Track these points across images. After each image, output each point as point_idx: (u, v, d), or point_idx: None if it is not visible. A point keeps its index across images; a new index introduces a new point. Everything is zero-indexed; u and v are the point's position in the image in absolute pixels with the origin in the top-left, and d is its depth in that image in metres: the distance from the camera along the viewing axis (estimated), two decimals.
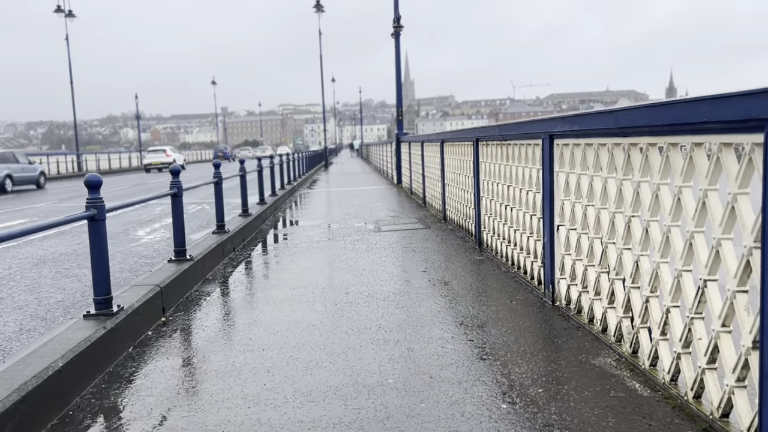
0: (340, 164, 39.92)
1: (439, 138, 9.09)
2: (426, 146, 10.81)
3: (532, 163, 4.70)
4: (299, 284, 5.20)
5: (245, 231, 7.87)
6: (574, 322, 3.82)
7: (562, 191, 4.08)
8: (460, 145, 7.54)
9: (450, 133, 8.20)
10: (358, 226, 8.93)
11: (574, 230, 3.94)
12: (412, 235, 7.79)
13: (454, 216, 8.24)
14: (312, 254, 6.65)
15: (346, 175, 24.83)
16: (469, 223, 7.29)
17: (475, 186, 6.60)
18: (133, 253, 7.90)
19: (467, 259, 6.06)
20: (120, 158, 42.79)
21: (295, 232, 8.67)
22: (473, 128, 6.54)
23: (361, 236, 7.84)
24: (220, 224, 6.99)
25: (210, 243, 6.25)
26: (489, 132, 5.88)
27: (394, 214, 10.19)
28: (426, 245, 6.94)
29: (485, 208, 6.35)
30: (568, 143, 3.95)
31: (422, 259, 6.09)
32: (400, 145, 16.17)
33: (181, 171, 6.88)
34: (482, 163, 6.38)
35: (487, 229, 6.29)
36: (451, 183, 8.39)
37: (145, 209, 13.32)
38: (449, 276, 5.28)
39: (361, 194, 14.63)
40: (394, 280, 5.22)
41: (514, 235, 5.29)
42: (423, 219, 9.40)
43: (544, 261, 4.37)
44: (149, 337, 3.92)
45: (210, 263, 5.94)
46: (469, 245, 6.81)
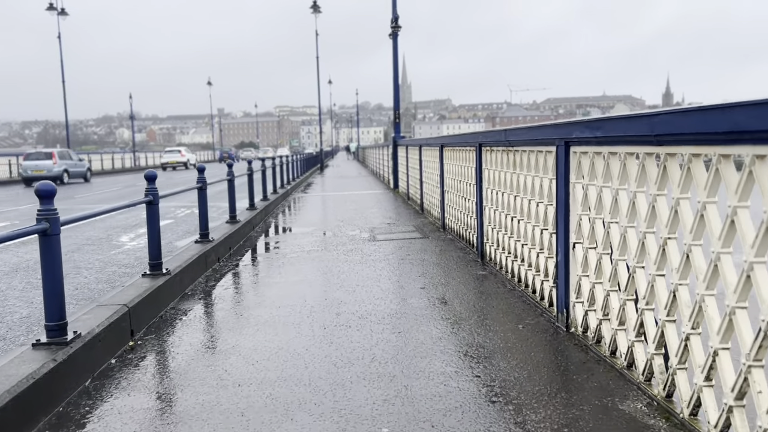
0: (336, 167, 39.48)
1: (438, 142, 8.65)
2: (424, 150, 10.38)
3: (544, 172, 4.26)
4: (286, 302, 4.74)
5: (232, 239, 7.41)
6: (593, 353, 3.37)
7: (579, 205, 3.63)
8: (461, 151, 7.10)
9: (450, 137, 7.75)
10: (352, 234, 8.48)
11: (593, 249, 3.50)
12: (409, 245, 7.34)
13: (454, 225, 7.80)
14: (302, 266, 6.19)
15: (342, 179, 24.38)
16: (470, 234, 6.85)
17: (478, 194, 6.16)
18: (114, 261, 7.43)
19: (469, 273, 5.61)
20: (113, 159, 42.30)
21: (286, 240, 8.21)
22: (476, 132, 6.10)
23: (355, 246, 7.38)
24: (203, 233, 6.52)
25: (191, 254, 5.78)
26: (494, 137, 5.44)
27: (390, 222, 9.74)
28: (424, 257, 6.49)
29: (488, 219, 5.91)
30: (588, 151, 3.51)
31: (420, 274, 5.64)
32: (397, 148, 15.73)
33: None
34: (486, 170, 5.94)
35: (491, 242, 5.85)
36: (450, 190, 7.95)
37: (131, 212, 12.84)
38: (450, 294, 4.83)
39: (356, 199, 14.18)
40: (390, 297, 4.77)
41: (522, 249, 4.84)
42: (420, 227, 8.95)
43: (557, 281, 3.93)
44: (112, 367, 3.45)
45: (190, 276, 5.48)
46: (471, 258, 6.36)
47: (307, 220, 10.35)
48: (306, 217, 11.03)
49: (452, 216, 7.91)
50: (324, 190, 18.31)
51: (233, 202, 8.32)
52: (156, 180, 4.98)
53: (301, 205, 13.51)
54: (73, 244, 8.82)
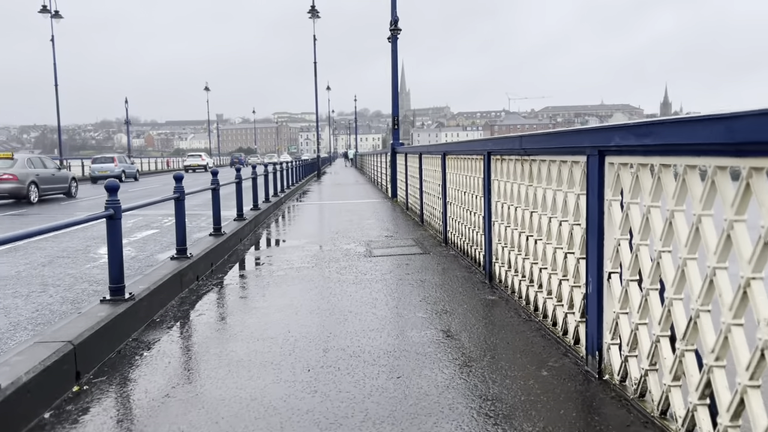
0: (334, 174, 38.86)
1: (440, 150, 8.03)
2: (425, 159, 9.75)
3: (569, 185, 3.63)
4: (268, 333, 4.09)
5: (215, 254, 6.76)
6: (638, 411, 2.73)
7: (617, 227, 3.00)
8: (466, 159, 6.47)
9: (455, 144, 7.13)
10: (347, 248, 7.84)
11: (636, 282, 2.86)
12: (408, 262, 6.69)
13: (458, 240, 7.16)
14: (289, 287, 5.54)
15: (339, 186, 23.75)
16: (476, 251, 6.21)
17: (486, 208, 5.53)
18: (86, 277, 6.78)
19: (476, 298, 4.96)
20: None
21: (275, 254, 7.56)
22: (485, 139, 5.48)
23: (350, 262, 6.74)
24: (180, 248, 5.87)
25: (164, 273, 5.13)
26: (506, 144, 4.81)
27: (388, 234, 9.10)
28: (425, 277, 5.84)
29: (498, 236, 5.27)
30: (630, 162, 2.88)
31: (421, 298, 4.99)
32: (395, 156, 15.10)
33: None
34: (495, 181, 5.31)
35: (501, 261, 5.21)
36: (454, 202, 7.32)
37: None
38: (456, 324, 4.18)
39: (352, 208, 13.54)
40: (387, 329, 4.12)
41: (539, 274, 4.20)
42: (420, 241, 8.31)
43: (588, 317, 3.29)
44: (43, 424, 2.80)
45: (161, 299, 4.83)
46: (477, 278, 5.72)
47: (299, 232, 9.70)
48: (299, 228, 10.38)
49: (455, 230, 7.28)
50: (320, 198, 17.67)
51: (217, 212, 7.67)
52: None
53: (294, 214, 12.86)
54: (47, 257, 8.18)
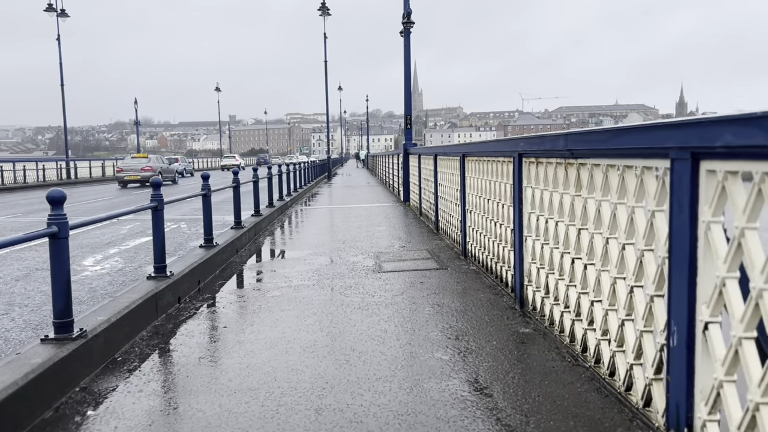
0: (345, 175, 38.09)
1: (458, 151, 7.17)
2: (440, 160, 8.89)
3: (637, 198, 2.77)
4: (247, 383, 3.26)
5: (203, 270, 5.95)
6: None
7: (721, 260, 2.13)
8: (490, 162, 5.61)
9: (477, 144, 6.26)
10: (354, 260, 7.00)
11: (753, 341, 2.00)
12: (422, 279, 5.84)
13: (479, 253, 6.30)
14: (284, 313, 4.71)
15: (349, 189, 22.94)
16: (502, 269, 5.34)
17: (516, 221, 4.66)
18: None
19: (507, 330, 4.10)
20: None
21: (273, 269, 6.74)
22: (515, 138, 4.61)
23: (357, 279, 5.90)
24: (158, 266, 5.06)
25: (133, 298, 4.32)
26: (544, 144, 3.94)
27: (401, 244, 8.26)
28: (443, 300, 4.99)
29: (532, 254, 4.40)
30: (740, 170, 2.02)
31: (439, 329, 4.14)
32: (408, 157, 14.25)
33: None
34: (528, 188, 4.44)
35: (535, 285, 4.34)
36: (475, 210, 6.46)
37: (111, 226, 11.45)
38: (485, 371, 3.33)
39: (362, 214, 12.71)
40: (399, 377, 3.27)
41: (591, 308, 3.34)
42: (436, 252, 7.46)
43: (670, 378, 2.42)
44: None
45: (128, 331, 4.02)
46: (505, 303, 4.85)
47: (303, 241, 8.88)
48: (303, 236, 9.56)
49: (477, 242, 6.41)
50: (328, 202, 16.87)
51: (209, 221, 6.86)
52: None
53: (300, 220, 12.06)
54: (24, 268, 7.43)
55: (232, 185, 8.65)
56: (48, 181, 31.64)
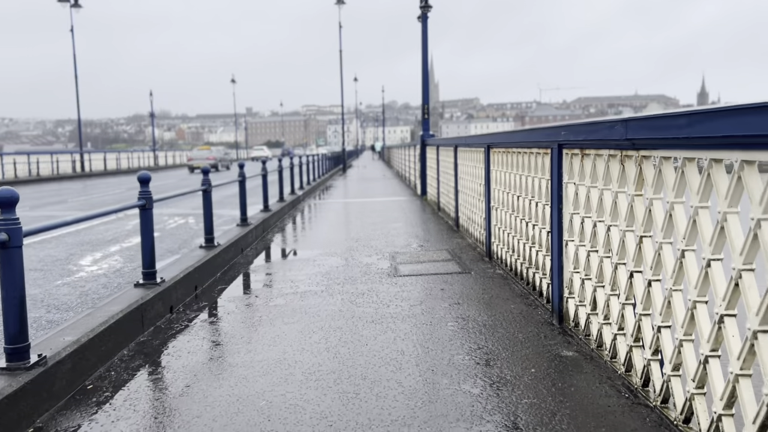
0: (360, 167, 37.49)
1: (483, 142, 6.52)
2: (461, 152, 8.24)
3: (730, 200, 2.13)
4: (236, 425, 2.68)
5: (201, 274, 5.40)
6: None
7: None
8: (521, 154, 4.96)
9: (504, 134, 5.61)
10: (368, 262, 6.41)
11: None
12: (444, 285, 5.22)
13: (506, 255, 5.66)
14: (287, 326, 4.13)
15: (364, 182, 22.34)
16: (535, 276, 4.71)
17: (554, 222, 4.02)
18: (48, 299, 5.55)
19: (546, 353, 3.48)
20: (118, 158, 39.87)
21: (279, 272, 6.16)
22: (553, 127, 3.96)
23: (370, 285, 5.31)
24: (147, 271, 4.50)
25: (112, 312, 3.76)
26: (594, 133, 3.29)
27: (418, 242, 7.65)
28: (468, 312, 4.37)
29: (574, 261, 3.77)
30: None
31: (465, 351, 3.53)
32: (425, 149, 13.58)
33: None
34: (570, 185, 3.80)
35: (579, 298, 3.71)
36: (501, 207, 5.82)
37: (117, 222, 10.96)
38: (525, 410, 2.71)
39: (378, 208, 12.11)
40: (419, 421, 2.66)
41: (656, 334, 2.70)
42: (457, 253, 6.83)
43: None
44: None
45: (105, 351, 3.47)
46: (540, 316, 4.22)
47: (314, 239, 8.30)
48: (314, 233, 8.99)
49: (503, 242, 5.78)
50: (342, 195, 16.28)
51: (209, 218, 6.29)
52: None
53: (312, 215, 11.49)
54: None
55: (238, 179, 8.09)
56: (62, 173, 31.45)
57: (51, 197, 18.38)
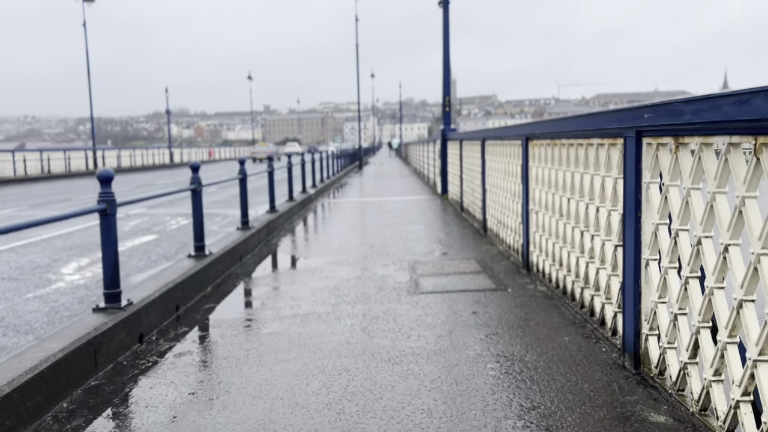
0: (377, 164, 36.60)
1: (519, 133, 5.55)
2: (490, 146, 7.27)
3: None
4: None
5: (185, 289, 4.52)
6: None
7: None
8: (571, 146, 4.00)
9: (549, 122, 4.62)
10: (383, 274, 5.50)
11: None
12: (476, 308, 4.28)
13: (551, 269, 4.70)
14: (278, 368, 3.23)
15: (381, 179, 21.42)
16: (594, 298, 3.74)
17: (628, 233, 3.06)
18: (14, 316, 4.80)
19: (626, 418, 2.53)
20: (132, 155, 39.30)
21: (279, 287, 5.27)
22: (628, 108, 3.00)
23: (386, 305, 4.39)
24: (110, 293, 3.63)
25: (51, 350, 2.88)
26: (698, 113, 2.32)
27: (441, 249, 6.71)
28: (511, 348, 3.43)
29: (659, 288, 2.80)
30: None
31: (517, 415, 2.59)
32: (446, 144, 12.62)
33: None
34: (652, 185, 2.84)
35: (669, 340, 2.74)
36: (543, 210, 4.85)
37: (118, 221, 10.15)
38: None
39: (395, 208, 11.17)
40: None
41: None
42: (487, 262, 5.88)
43: None
44: None
45: (30, 410, 2.59)
46: (606, 354, 3.27)
47: (324, 244, 7.40)
48: (324, 237, 8.09)
49: (547, 253, 4.82)
50: (357, 194, 15.37)
51: (199, 225, 5.41)
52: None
53: (324, 216, 10.60)
54: None
55: (239, 177, 7.20)
56: (75, 171, 30.99)
57: (58, 195, 17.75)
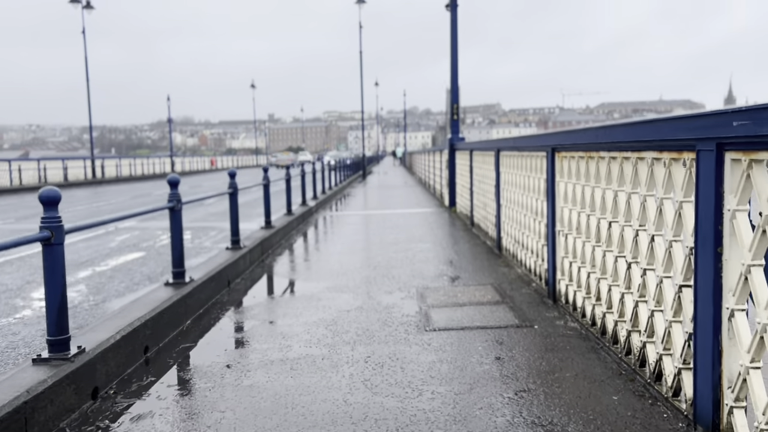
0: (381, 174, 35.95)
1: (543, 144, 4.89)
2: (506, 157, 6.61)
3: None
4: None
5: (152, 330, 3.85)
6: None
7: None
8: (613, 159, 3.33)
9: (583, 132, 3.94)
10: (389, 303, 4.83)
11: None
12: (499, 352, 3.60)
13: (587, 303, 4.02)
14: None
15: (385, 189, 20.77)
16: (645, 346, 3.06)
17: (703, 270, 2.39)
18: None
19: None
20: (132, 164, 38.72)
21: (267, 321, 4.59)
22: (700, 115, 2.35)
23: (392, 347, 3.72)
24: (55, 340, 2.95)
25: None
26: None
27: (453, 272, 6.04)
28: (548, 413, 2.75)
29: (750, 348, 2.13)
30: None
31: None
32: (454, 153, 11.96)
33: None
34: (739, 213, 2.18)
35: (763, 415, 2.07)
36: (575, 233, 4.18)
37: (100, 238, 9.51)
38: None
39: (400, 223, 10.50)
40: None
41: None
42: (506, 290, 5.21)
43: None
44: None
45: None
46: (668, 424, 2.58)
47: (321, 266, 6.73)
48: (323, 257, 7.42)
49: (580, 283, 4.14)
50: (360, 206, 14.71)
51: (178, 247, 4.75)
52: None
53: (324, 232, 9.94)
54: None
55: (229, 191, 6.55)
56: (73, 180, 30.45)
57: None
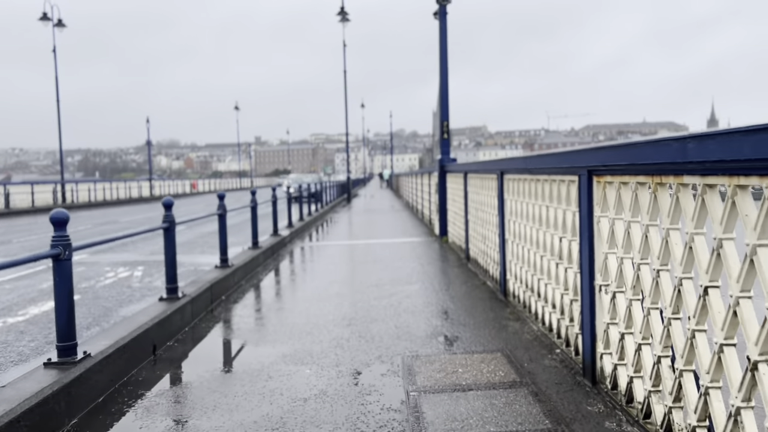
0: (367, 197, 34.67)
1: (572, 165, 3.62)
2: (512, 182, 5.34)
3: None
4: None
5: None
6: None
7: None
8: (687, 186, 2.07)
9: (631, 147, 2.68)
10: (363, 385, 3.50)
11: None
12: None
13: (655, 400, 2.72)
14: None
15: (370, 214, 19.47)
16: None
17: None
18: None
19: None
20: (108, 188, 37.34)
21: (193, 420, 3.24)
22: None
23: None
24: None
25: None
26: None
27: (449, 329, 4.72)
28: None
29: None
30: None
31: None
32: (445, 176, 10.70)
33: None
34: None
35: None
36: (620, 286, 2.90)
37: (27, 279, 8.07)
38: None
39: (385, 257, 9.17)
40: None
41: None
42: (522, 360, 3.90)
43: None
44: None
45: None
46: None
47: (284, 320, 5.37)
48: (287, 307, 6.07)
49: (639, 365, 2.84)
50: (341, 235, 13.37)
51: (65, 321, 3.40)
52: None
53: (292, 270, 8.58)
54: None
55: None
56: (40, 206, 28.83)
57: (13, 233, 15.64)
